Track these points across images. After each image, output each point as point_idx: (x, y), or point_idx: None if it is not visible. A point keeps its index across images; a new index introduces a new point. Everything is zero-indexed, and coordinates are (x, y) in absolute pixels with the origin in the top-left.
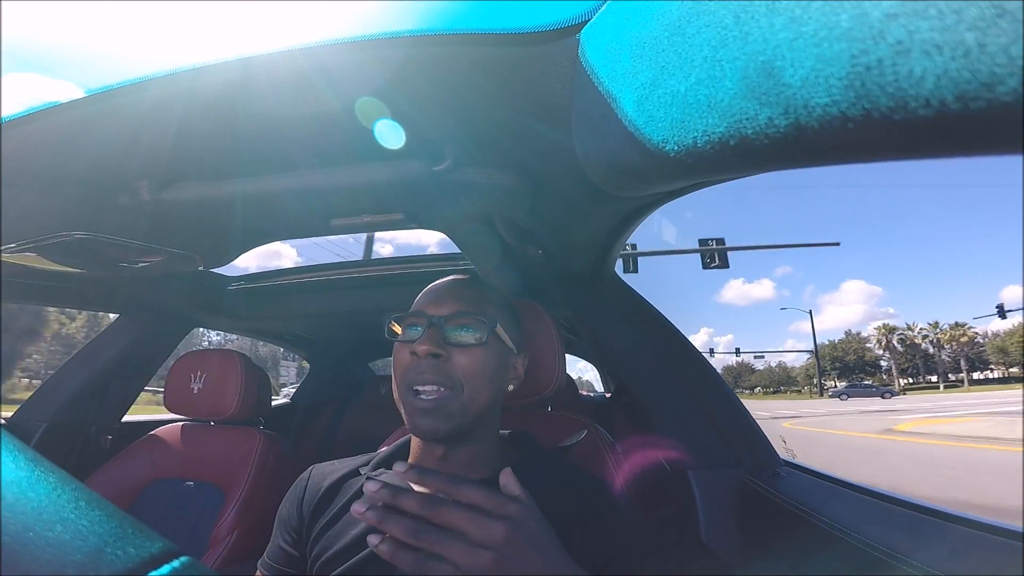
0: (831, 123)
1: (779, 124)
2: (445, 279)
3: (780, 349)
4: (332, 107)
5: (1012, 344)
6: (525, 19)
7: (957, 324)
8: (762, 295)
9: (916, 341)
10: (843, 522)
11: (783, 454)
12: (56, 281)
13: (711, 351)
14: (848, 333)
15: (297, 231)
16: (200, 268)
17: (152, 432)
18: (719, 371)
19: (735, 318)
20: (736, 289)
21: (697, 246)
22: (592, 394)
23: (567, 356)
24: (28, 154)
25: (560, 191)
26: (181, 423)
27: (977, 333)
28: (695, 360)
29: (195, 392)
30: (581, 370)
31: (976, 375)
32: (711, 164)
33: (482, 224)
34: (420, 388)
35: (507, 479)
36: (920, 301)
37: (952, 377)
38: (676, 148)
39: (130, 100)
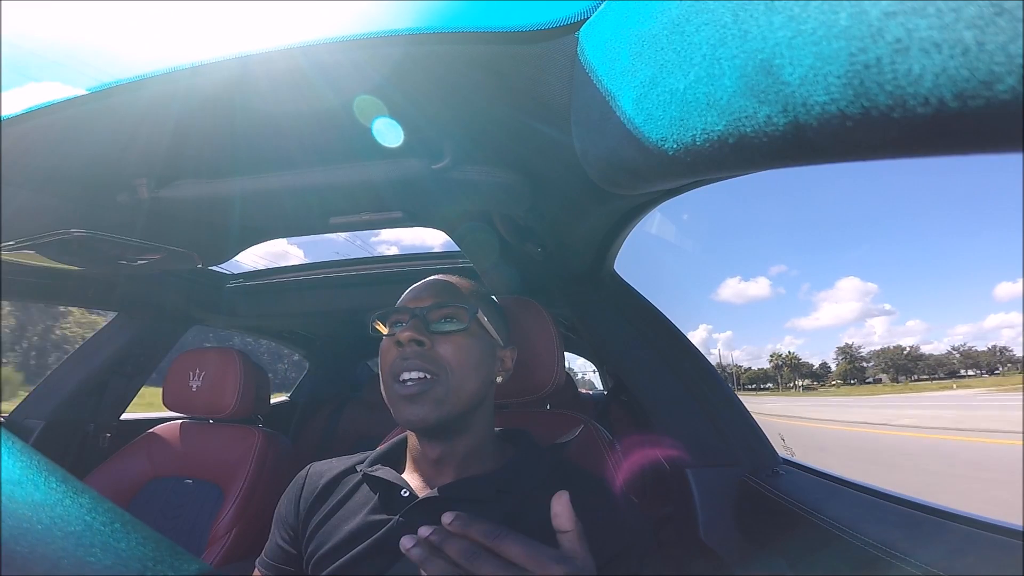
0: (830, 121)
1: (778, 122)
2: (425, 279)
3: None
4: (331, 105)
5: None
6: (524, 17)
7: (740, 365)
8: (758, 293)
9: (729, 371)
10: (842, 520)
11: (782, 452)
12: (54, 279)
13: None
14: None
15: (296, 229)
16: (199, 266)
17: (151, 430)
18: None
19: (733, 315)
20: (732, 287)
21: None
22: (592, 392)
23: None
24: (27, 152)
25: (559, 189)
26: (180, 421)
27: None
28: (694, 358)
29: (194, 390)
30: (580, 367)
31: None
32: (710, 162)
33: (481, 222)
34: (405, 375)
35: (560, 507)
36: (916, 297)
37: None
38: (675, 146)
39: (128, 98)
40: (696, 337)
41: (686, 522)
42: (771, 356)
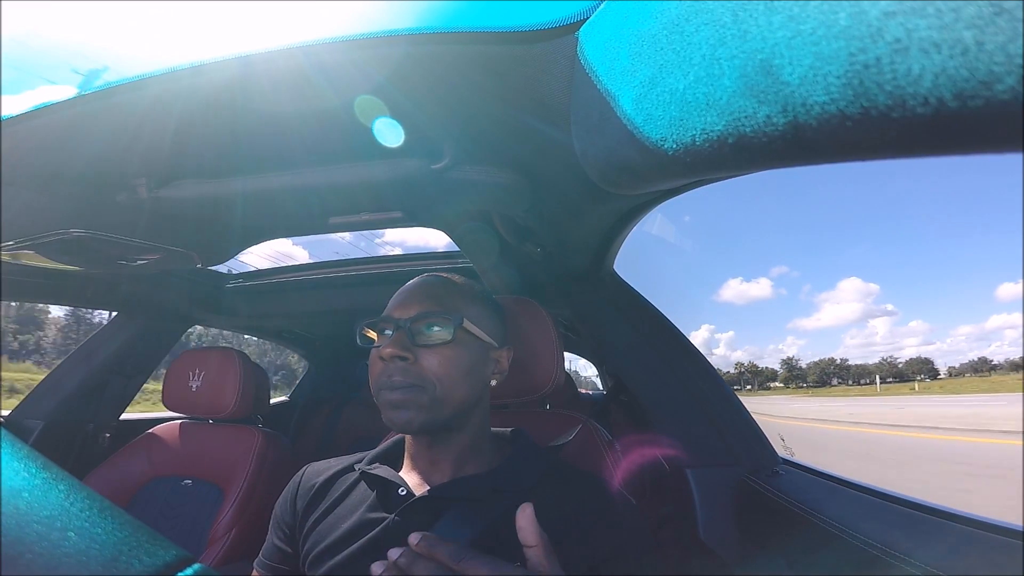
0: (829, 121)
1: (777, 122)
2: (413, 281)
3: None
4: (331, 105)
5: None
6: (524, 17)
7: (720, 369)
8: (760, 294)
9: None
10: (841, 520)
11: (782, 452)
12: (54, 279)
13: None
14: None
15: (296, 229)
16: (198, 266)
17: (150, 430)
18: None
19: (735, 316)
20: (734, 288)
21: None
22: (592, 392)
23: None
24: (27, 152)
25: (559, 189)
26: (179, 421)
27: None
28: (694, 358)
29: (193, 390)
30: (582, 367)
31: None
32: (710, 162)
33: (481, 222)
34: (390, 389)
35: (524, 522)
36: (918, 298)
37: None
38: (675, 146)
39: (129, 98)
40: (698, 337)
41: (686, 522)
42: (736, 364)
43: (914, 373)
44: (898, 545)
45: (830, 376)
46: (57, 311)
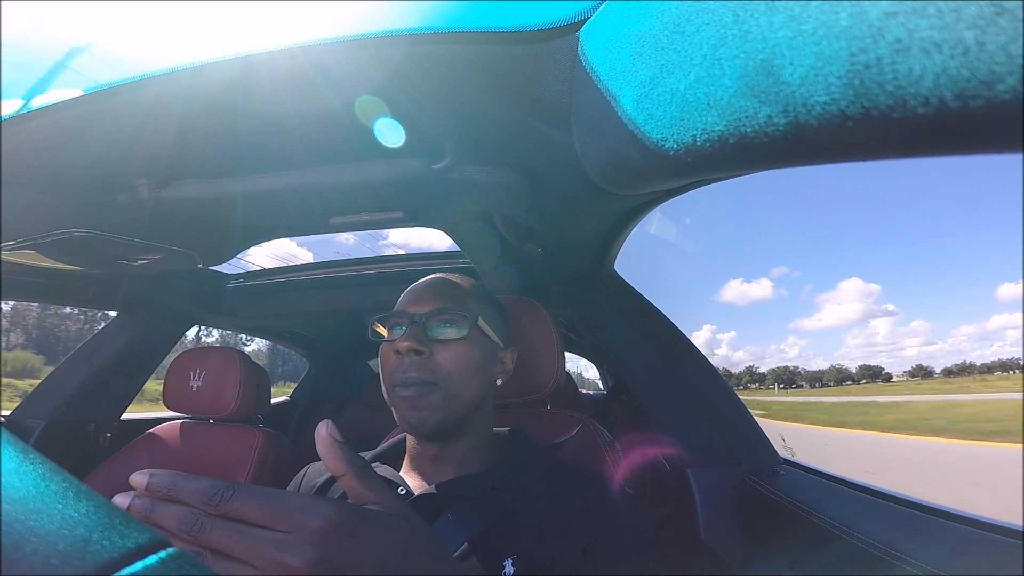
0: (830, 121)
1: (778, 122)
2: (425, 278)
3: None
4: (332, 105)
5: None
6: (525, 17)
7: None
8: (761, 295)
9: None
10: (842, 521)
11: (783, 452)
12: (56, 279)
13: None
14: None
15: (296, 229)
16: (200, 266)
17: (151, 430)
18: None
19: (736, 317)
20: (735, 289)
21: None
22: (593, 392)
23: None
24: (28, 152)
25: (559, 189)
26: (180, 421)
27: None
28: (694, 358)
29: (194, 390)
30: (584, 367)
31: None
32: (710, 162)
33: (482, 222)
34: (404, 385)
35: (323, 447)
36: (920, 298)
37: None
38: (675, 146)
39: (130, 98)
40: (700, 337)
41: (687, 522)
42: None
43: (862, 378)
44: (899, 545)
45: (785, 381)
46: None
